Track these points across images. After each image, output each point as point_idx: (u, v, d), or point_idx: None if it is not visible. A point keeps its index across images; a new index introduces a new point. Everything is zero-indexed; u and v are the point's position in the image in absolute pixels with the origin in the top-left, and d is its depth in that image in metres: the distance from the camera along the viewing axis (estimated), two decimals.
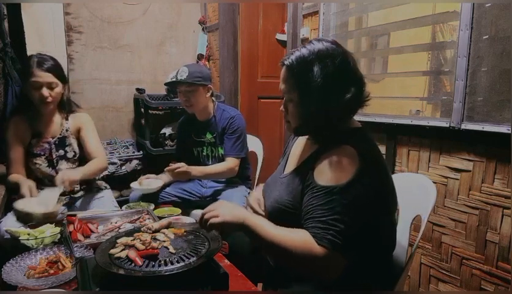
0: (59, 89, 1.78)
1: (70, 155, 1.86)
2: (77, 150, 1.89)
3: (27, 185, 1.59)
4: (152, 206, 1.76)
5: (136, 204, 1.85)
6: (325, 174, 0.99)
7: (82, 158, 1.92)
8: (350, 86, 1.02)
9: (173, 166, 1.96)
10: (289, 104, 1.09)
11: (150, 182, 1.95)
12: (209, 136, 2.15)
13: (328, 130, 1.07)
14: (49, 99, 1.74)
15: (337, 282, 0.95)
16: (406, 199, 1.33)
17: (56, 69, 1.77)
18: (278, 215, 1.15)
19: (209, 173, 2.08)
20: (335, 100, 1.01)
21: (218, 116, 2.14)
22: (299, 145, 1.25)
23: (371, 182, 0.96)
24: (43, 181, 1.80)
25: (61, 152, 1.84)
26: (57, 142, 1.83)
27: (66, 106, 1.89)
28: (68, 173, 1.67)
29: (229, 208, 1.02)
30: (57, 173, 1.81)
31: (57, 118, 1.86)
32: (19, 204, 1.48)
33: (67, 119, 1.88)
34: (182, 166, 1.96)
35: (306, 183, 1.04)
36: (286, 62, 1.06)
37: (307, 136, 1.21)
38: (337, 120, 1.06)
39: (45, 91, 1.72)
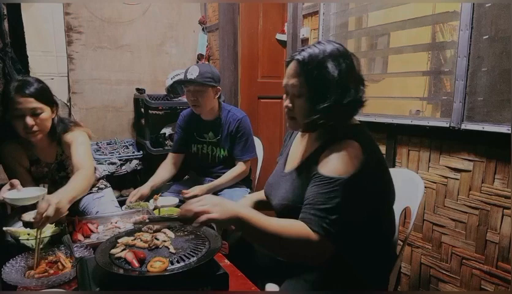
0: (45, 114, 1.56)
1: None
2: None
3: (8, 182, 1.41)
4: (152, 206, 1.76)
5: (136, 204, 1.85)
6: (329, 166, 1.01)
7: None
8: (358, 84, 1.07)
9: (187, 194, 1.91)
10: (297, 100, 1.09)
11: (166, 200, 1.87)
12: (211, 135, 2.14)
13: (336, 126, 1.09)
14: (35, 128, 1.53)
15: (341, 267, 1.02)
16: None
17: (40, 92, 1.54)
18: (287, 212, 1.16)
19: (222, 183, 2.06)
20: (346, 97, 1.03)
21: (223, 117, 2.12)
22: (299, 142, 1.26)
23: (373, 176, 1.00)
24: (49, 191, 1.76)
25: (63, 173, 1.78)
26: (56, 167, 1.76)
27: (56, 132, 1.65)
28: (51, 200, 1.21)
29: (220, 203, 0.95)
30: None
31: (50, 144, 1.70)
32: (25, 217, 1.43)
33: (59, 142, 1.70)
34: (194, 191, 1.93)
35: (311, 176, 1.05)
36: (298, 57, 1.07)
37: (306, 134, 1.22)
38: (346, 116, 1.10)
39: (29, 120, 1.50)
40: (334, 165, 1.00)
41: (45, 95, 1.57)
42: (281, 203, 1.18)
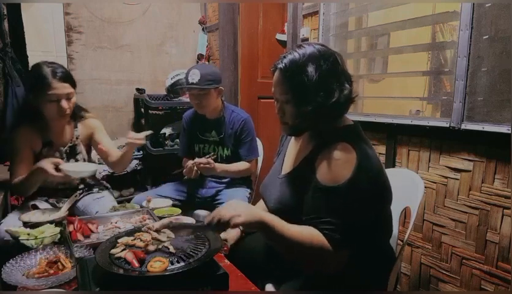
0: (74, 98, 1.69)
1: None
2: (86, 157, 1.87)
3: (49, 161, 1.51)
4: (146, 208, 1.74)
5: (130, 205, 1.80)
6: (326, 174, 1.02)
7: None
8: (343, 83, 1.06)
9: (201, 160, 1.94)
10: (285, 105, 1.11)
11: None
12: (214, 134, 2.14)
13: (325, 127, 1.10)
14: (68, 111, 1.65)
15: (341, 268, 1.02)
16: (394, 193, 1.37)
17: (71, 78, 1.67)
18: (282, 214, 1.18)
19: (231, 170, 2.09)
20: (330, 97, 1.04)
21: (227, 117, 2.12)
22: (294, 144, 1.27)
23: (369, 176, 1.01)
24: (49, 191, 1.76)
25: (72, 160, 1.80)
26: (68, 151, 1.79)
27: (76, 114, 1.79)
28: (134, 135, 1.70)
29: (247, 207, 1.01)
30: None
31: (67, 127, 1.79)
32: (25, 217, 1.42)
33: (76, 126, 1.82)
34: (211, 162, 1.95)
35: (308, 182, 1.06)
36: (280, 66, 1.09)
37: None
38: (334, 117, 1.11)
39: (64, 103, 1.61)
40: (329, 173, 1.01)
41: (73, 80, 1.68)
42: (275, 205, 1.20)
